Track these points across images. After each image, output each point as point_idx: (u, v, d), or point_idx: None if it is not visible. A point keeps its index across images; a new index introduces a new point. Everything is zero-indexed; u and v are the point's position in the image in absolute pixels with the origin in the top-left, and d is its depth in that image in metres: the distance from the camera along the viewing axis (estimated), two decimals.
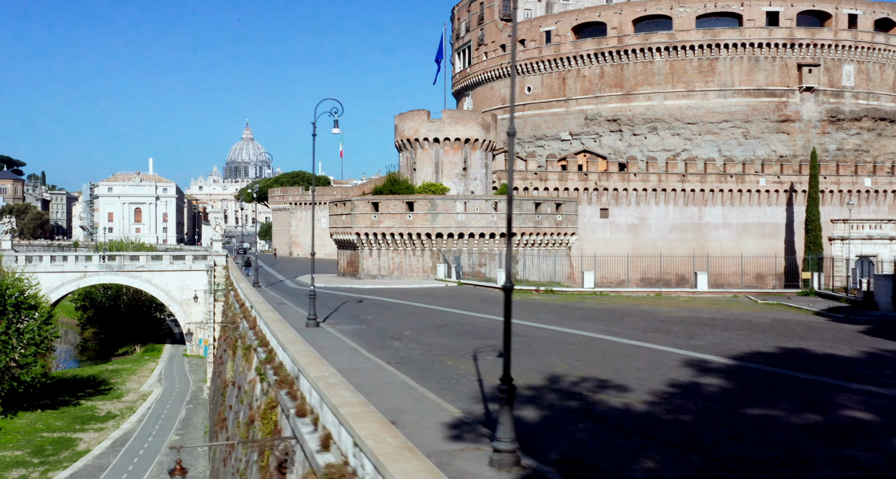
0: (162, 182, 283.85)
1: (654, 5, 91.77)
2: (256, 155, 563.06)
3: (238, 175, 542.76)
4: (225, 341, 55.91)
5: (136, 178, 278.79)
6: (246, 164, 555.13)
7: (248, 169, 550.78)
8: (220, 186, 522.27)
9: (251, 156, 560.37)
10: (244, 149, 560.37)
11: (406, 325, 34.25)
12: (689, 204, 78.19)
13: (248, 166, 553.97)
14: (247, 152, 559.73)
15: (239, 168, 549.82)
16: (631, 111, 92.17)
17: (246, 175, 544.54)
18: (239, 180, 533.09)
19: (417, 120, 70.45)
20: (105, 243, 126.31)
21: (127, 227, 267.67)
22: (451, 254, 64.88)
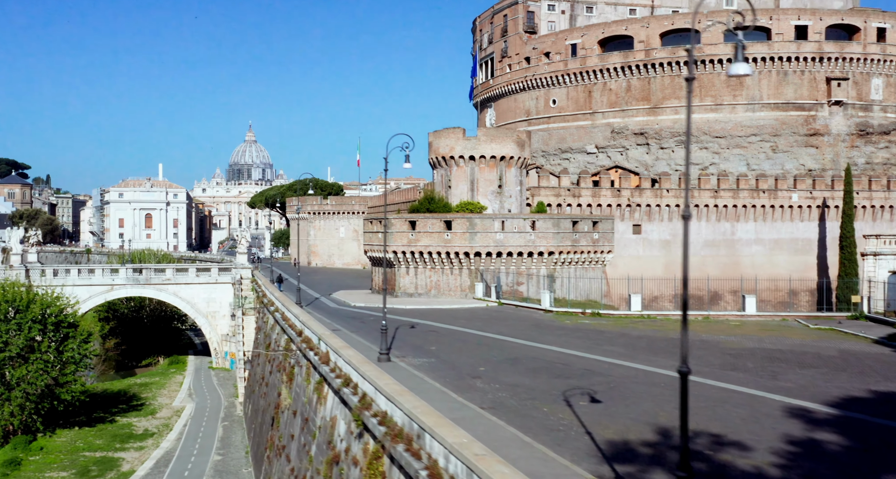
0: (172, 188, 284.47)
1: (682, 19, 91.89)
2: (260, 157, 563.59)
3: (241, 177, 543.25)
4: (270, 362, 55.94)
5: (146, 183, 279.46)
6: (249, 166, 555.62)
7: (252, 171, 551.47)
8: (224, 189, 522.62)
9: (254, 158, 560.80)
10: (247, 151, 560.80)
11: (475, 358, 34.29)
12: (721, 220, 78.21)
13: (252, 169, 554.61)
14: (250, 155, 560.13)
15: (242, 170, 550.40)
16: (658, 125, 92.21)
17: (249, 177, 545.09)
18: (242, 183, 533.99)
19: (453, 138, 70.54)
20: (128, 254, 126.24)
21: (138, 233, 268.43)
22: (490, 273, 64.94)
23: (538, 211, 71.86)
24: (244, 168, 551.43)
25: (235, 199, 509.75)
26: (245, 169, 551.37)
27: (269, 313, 65.70)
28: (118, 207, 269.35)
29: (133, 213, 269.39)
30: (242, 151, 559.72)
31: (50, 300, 65.42)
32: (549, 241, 64.66)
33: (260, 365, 65.56)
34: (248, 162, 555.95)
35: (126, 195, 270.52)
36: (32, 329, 62.88)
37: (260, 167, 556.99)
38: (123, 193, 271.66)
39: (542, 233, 64.69)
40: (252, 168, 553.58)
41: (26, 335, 62.31)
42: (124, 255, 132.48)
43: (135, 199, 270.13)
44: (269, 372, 56.83)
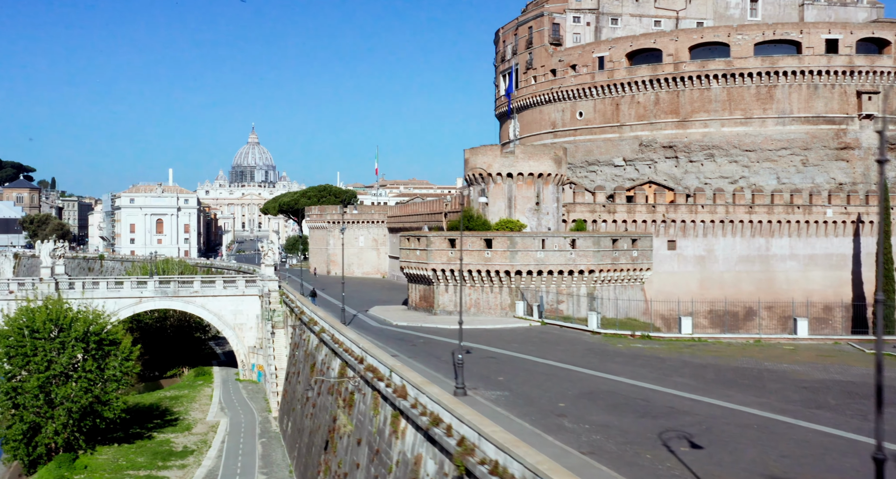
0: (183, 193, 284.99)
1: (712, 33, 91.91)
2: (262, 159, 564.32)
3: (244, 179, 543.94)
4: (317, 383, 55.93)
5: (157, 189, 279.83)
6: (252, 168, 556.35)
7: (255, 173, 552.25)
8: (227, 191, 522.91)
9: (257, 160, 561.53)
10: (250, 153, 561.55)
11: (549, 392, 34.30)
12: (755, 235, 78.20)
13: (255, 171, 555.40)
14: (253, 157, 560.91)
15: (245, 172, 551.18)
16: (687, 138, 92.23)
17: (252, 179, 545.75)
18: (245, 185, 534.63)
19: (490, 155, 70.63)
20: (152, 264, 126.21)
21: (149, 238, 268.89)
22: (530, 291, 64.97)
23: (577, 229, 71.90)
24: (247, 170, 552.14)
25: (239, 201, 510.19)
26: (248, 171, 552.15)
27: (309, 331, 65.74)
28: (129, 212, 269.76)
29: (144, 218, 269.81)
30: (245, 153, 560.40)
31: (92, 318, 65.53)
32: (589, 259, 64.70)
33: (300, 383, 65.61)
34: (251, 164, 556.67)
35: (137, 201, 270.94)
36: (76, 348, 63.04)
37: (263, 169, 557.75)
38: (135, 198, 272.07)
39: (582, 251, 64.72)
40: (255, 170, 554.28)
41: (70, 354, 62.47)
42: (146, 265, 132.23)
43: (146, 204, 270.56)
44: (315, 392, 56.84)
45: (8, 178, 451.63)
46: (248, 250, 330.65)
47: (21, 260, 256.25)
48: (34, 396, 61.04)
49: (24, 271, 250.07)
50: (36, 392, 60.95)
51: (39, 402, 61.27)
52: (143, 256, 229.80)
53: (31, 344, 61.94)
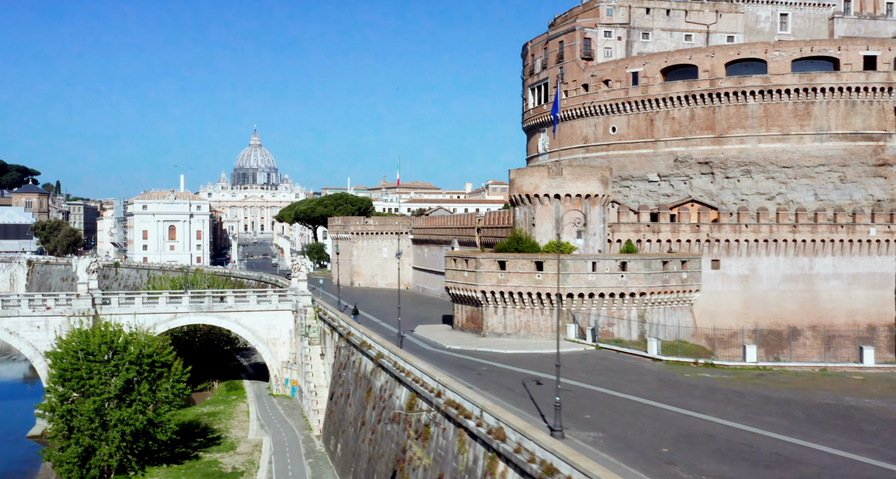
0: (195, 199, 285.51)
1: (748, 49, 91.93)
2: (265, 161, 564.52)
3: (246, 181, 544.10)
4: (376, 408, 55.85)
5: (170, 195, 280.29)
6: (254, 170, 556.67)
7: (257, 175, 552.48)
8: (230, 193, 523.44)
9: (259, 162, 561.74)
10: (252, 155, 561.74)
11: (644, 433, 34.27)
12: (799, 254, 78.25)
13: (257, 173, 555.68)
14: (255, 159, 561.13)
15: (247, 174, 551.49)
16: (723, 154, 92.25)
17: (254, 182, 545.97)
18: (248, 187, 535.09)
19: (537, 176, 70.66)
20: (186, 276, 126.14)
21: (161, 244, 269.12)
22: (581, 314, 64.99)
23: (626, 251, 71.91)
24: (249, 172, 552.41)
25: (241, 203, 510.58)
26: (250, 173, 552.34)
27: (360, 353, 65.64)
28: (142, 219, 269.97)
29: (157, 225, 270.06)
30: (247, 155, 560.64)
31: (145, 341, 65.64)
32: (640, 282, 64.73)
33: (351, 405, 65.56)
34: (253, 166, 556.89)
35: (150, 207, 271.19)
36: (130, 370, 63.14)
37: (265, 171, 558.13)
38: (147, 204, 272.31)
39: (633, 274, 64.76)
40: (257, 172, 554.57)
41: (125, 377, 62.58)
42: (179, 280, 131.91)
43: (158, 210, 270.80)
44: (374, 418, 56.82)
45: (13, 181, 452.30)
46: (255, 254, 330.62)
47: (35, 267, 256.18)
48: (89, 418, 61.16)
49: (38, 278, 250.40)
50: (91, 415, 61.07)
51: (94, 425, 61.38)
52: (157, 263, 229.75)
53: (87, 367, 62.07)
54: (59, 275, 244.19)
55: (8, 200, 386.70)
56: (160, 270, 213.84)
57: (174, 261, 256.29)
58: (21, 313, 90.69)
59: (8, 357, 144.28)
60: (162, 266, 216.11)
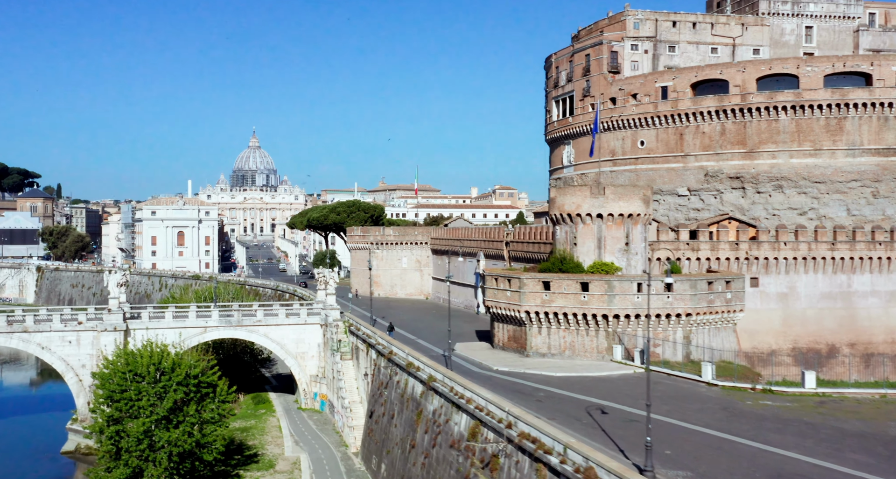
0: (204, 205, 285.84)
1: (780, 64, 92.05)
2: (264, 163, 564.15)
3: (245, 183, 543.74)
4: (429, 432, 55.72)
5: (178, 201, 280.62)
6: (253, 172, 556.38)
7: (256, 177, 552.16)
8: (229, 195, 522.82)
9: (258, 164, 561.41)
10: (251, 157, 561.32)
11: (734, 473, 34.21)
12: (837, 272, 78.35)
13: (256, 175, 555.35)
14: (254, 160, 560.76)
15: (246, 176, 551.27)
16: (755, 169, 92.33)
17: (253, 183, 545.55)
18: (247, 189, 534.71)
19: (579, 195, 70.70)
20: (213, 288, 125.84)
21: (170, 250, 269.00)
22: (627, 335, 65.04)
23: (671, 271, 71.92)
24: (248, 174, 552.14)
25: (241, 205, 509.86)
26: (249, 175, 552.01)
27: (405, 374, 65.58)
28: (151, 224, 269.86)
29: (166, 231, 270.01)
30: (246, 156, 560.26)
31: (192, 362, 65.63)
32: (685, 303, 64.79)
33: (397, 426, 65.51)
34: (252, 168, 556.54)
35: (159, 213, 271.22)
36: (178, 391, 63.11)
37: (264, 173, 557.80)
38: (156, 210, 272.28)
39: (679, 295, 64.82)
40: (256, 174, 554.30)
41: (173, 398, 62.55)
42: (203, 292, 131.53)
43: (167, 216, 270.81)
44: (426, 442, 56.76)
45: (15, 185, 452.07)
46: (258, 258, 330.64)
47: (44, 273, 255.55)
48: (138, 440, 61.17)
49: (48, 285, 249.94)
50: (140, 436, 61.08)
51: (143, 446, 61.36)
52: (168, 270, 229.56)
53: (136, 388, 62.07)
54: (69, 281, 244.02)
55: (12, 204, 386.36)
56: (172, 277, 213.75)
57: (183, 267, 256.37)
58: (53, 328, 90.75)
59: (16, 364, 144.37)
60: (174, 273, 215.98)
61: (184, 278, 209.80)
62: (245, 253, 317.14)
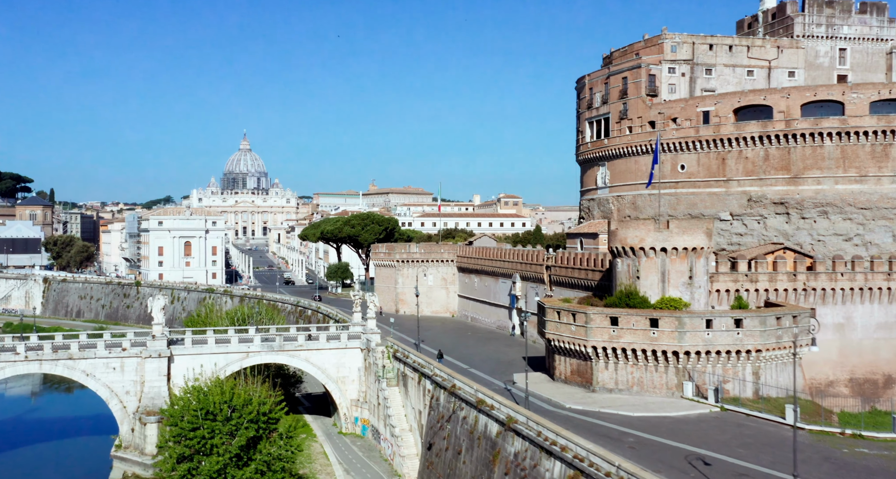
0: (211, 215, 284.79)
1: (825, 91, 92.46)
2: (255, 166, 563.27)
3: (236, 186, 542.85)
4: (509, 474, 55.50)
5: (186, 211, 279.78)
6: (244, 175, 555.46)
7: (247, 180, 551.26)
8: (220, 198, 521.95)
9: (249, 167, 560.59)
10: (242, 160, 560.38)
11: None
12: (893, 302, 78.70)
13: (247, 177, 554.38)
14: (245, 163, 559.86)
15: (237, 179, 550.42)
16: (799, 195, 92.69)
17: (244, 186, 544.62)
18: (238, 192, 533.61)
19: (643, 229, 70.74)
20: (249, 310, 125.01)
21: (177, 261, 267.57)
22: (697, 372, 65.08)
23: (738, 306, 72.14)
24: (239, 177, 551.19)
25: (232, 208, 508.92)
26: (240, 178, 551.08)
27: (472, 409, 65.39)
28: (157, 235, 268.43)
29: (173, 241, 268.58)
30: (237, 159, 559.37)
31: (262, 398, 65.36)
32: (755, 339, 64.86)
33: (466, 464, 65.28)
34: (243, 171, 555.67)
35: (166, 223, 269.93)
36: (249, 429, 62.82)
37: (255, 176, 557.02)
38: (163, 221, 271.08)
39: (748, 331, 64.88)
40: (247, 177, 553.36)
41: (245, 435, 62.25)
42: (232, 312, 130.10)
43: (174, 227, 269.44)
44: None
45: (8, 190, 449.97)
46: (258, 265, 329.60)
47: (51, 285, 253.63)
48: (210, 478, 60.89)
49: (55, 296, 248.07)
50: (213, 475, 60.79)
51: None
52: (180, 282, 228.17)
53: (209, 427, 61.75)
54: (77, 293, 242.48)
55: (10, 211, 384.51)
56: (185, 290, 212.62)
57: (190, 278, 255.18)
58: (98, 354, 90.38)
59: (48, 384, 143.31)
60: (187, 286, 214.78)
61: (197, 290, 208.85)
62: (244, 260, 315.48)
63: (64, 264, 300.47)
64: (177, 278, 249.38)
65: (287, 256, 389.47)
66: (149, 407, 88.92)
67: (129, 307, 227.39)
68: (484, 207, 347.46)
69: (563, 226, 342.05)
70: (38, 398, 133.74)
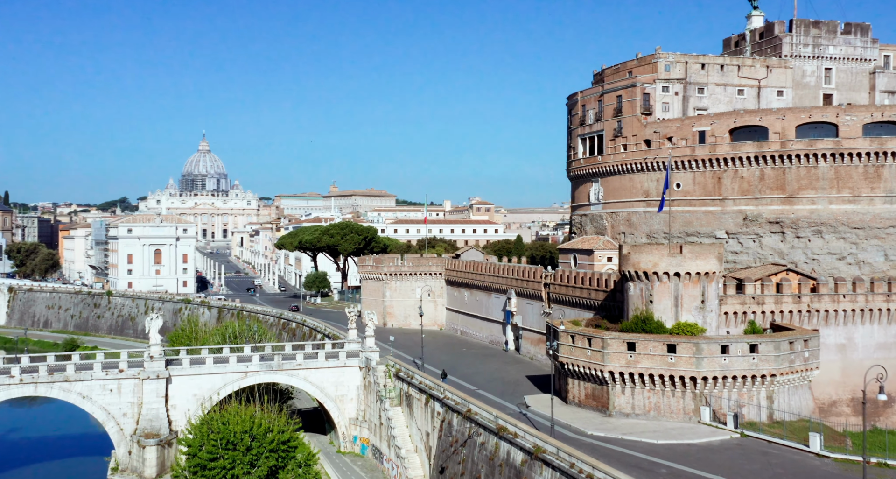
0: (182, 223, 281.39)
1: (820, 112, 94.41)
2: (214, 167, 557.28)
3: (195, 188, 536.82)
4: None
5: (156, 219, 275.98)
6: (203, 176, 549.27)
7: (206, 182, 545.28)
8: (179, 200, 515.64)
9: (209, 168, 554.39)
10: (201, 161, 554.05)
11: None
12: (892, 323, 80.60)
13: (206, 179, 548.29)
14: (204, 165, 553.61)
15: (196, 181, 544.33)
16: (794, 214, 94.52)
17: (203, 188, 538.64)
18: (198, 193, 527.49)
19: (656, 253, 71.60)
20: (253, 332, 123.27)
21: (147, 269, 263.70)
22: (714, 397, 66.03)
23: (752, 331, 73.33)
24: (198, 178, 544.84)
25: (191, 210, 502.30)
26: (199, 179, 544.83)
27: (490, 434, 65.57)
28: (127, 242, 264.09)
29: (142, 249, 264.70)
30: (196, 161, 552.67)
31: (282, 426, 64.82)
32: (770, 364, 66.02)
33: None
34: (203, 172, 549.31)
35: (135, 231, 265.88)
36: (270, 458, 62.30)
37: (214, 178, 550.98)
38: (133, 228, 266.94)
39: (763, 356, 66.02)
40: (206, 178, 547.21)
41: (266, 465, 61.73)
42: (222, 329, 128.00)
43: (144, 234, 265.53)
44: None
45: None
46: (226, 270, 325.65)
47: (17, 294, 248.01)
48: None
49: (21, 306, 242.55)
50: None
51: None
52: (155, 292, 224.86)
53: (230, 457, 61.09)
54: (44, 303, 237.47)
55: None
56: (159, 300, 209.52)
57: (160, 286, 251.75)
58: (94, 376, 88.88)
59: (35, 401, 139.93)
60: (161, 296, 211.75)
61: (172, 301, 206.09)
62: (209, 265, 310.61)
63: (28, 272, 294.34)
64: (146, 287, 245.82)
65: (252, 260, 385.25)
66: (147, 429, 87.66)
67: (101, 318, 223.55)
68: (455, 213, 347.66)
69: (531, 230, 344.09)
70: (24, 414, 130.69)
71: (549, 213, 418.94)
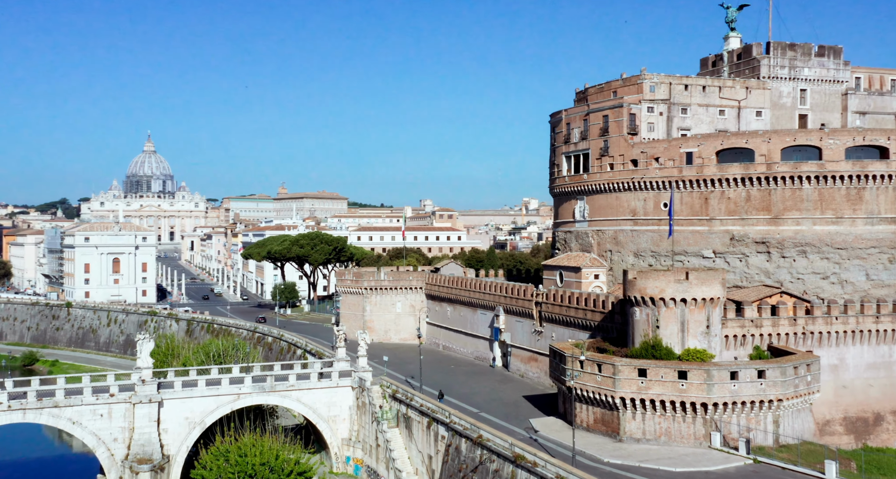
0: (142, 231, 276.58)
1: (804, 136, 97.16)
2: (160, 168, 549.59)
3: (140, 189, 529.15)
4: None
5: (115, 227, 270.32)
6: (149, 178, 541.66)
7: (151, 183, 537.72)
8: (125, 203, 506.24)
9: (154, 169, 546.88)
10: (146, 162, 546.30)
11: None
12: (881, 343, 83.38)
13: (152, 180, 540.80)
14: (149, 166, 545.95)
15: (141, 182, 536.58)
16: (780, 234, 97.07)
17: (149, 189, 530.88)
18: (143, 195, 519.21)
19: (663, 279, 72.97)
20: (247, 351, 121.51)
21: (105, 278, 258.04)
22: (723, 422, 67.58)
23: (757, 356, 75.14)
24: (143, 180, 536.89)
25: (137, 213, 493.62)
26: (144, 181, 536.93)
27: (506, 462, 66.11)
28: (84, 251, 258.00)
29: (100, 258, 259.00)
30: (141, 161, 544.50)
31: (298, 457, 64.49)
32: (777, 389, 67.82)
33: None
34: (148, 173, 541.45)
35: (93, 239, 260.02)
36: None
37: (160, 179, 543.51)
38: (90, 236, 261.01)
39: (771, 381, 67.80)
40: (152, 180, 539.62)
41: None
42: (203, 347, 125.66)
43: (102, 243, 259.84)
44: None
45: None
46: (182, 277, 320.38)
47: None
48: None
49: None
50: None
51: None
52: (119, 304, 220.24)
53: None
54: None
55: None
56: (123, 312, 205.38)
57: (118, 295, 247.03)
58: (84, 401, 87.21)
59: None
60: (125, 308, 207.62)
61: (137, 313, 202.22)
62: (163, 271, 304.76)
63: None
64: (104, 297, 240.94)
65: (206, 265, 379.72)
66: (140, 455, 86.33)
67: (59, 330, 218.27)
68: (417, 219, 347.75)
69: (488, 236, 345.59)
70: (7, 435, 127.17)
71: (501, 215, 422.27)
